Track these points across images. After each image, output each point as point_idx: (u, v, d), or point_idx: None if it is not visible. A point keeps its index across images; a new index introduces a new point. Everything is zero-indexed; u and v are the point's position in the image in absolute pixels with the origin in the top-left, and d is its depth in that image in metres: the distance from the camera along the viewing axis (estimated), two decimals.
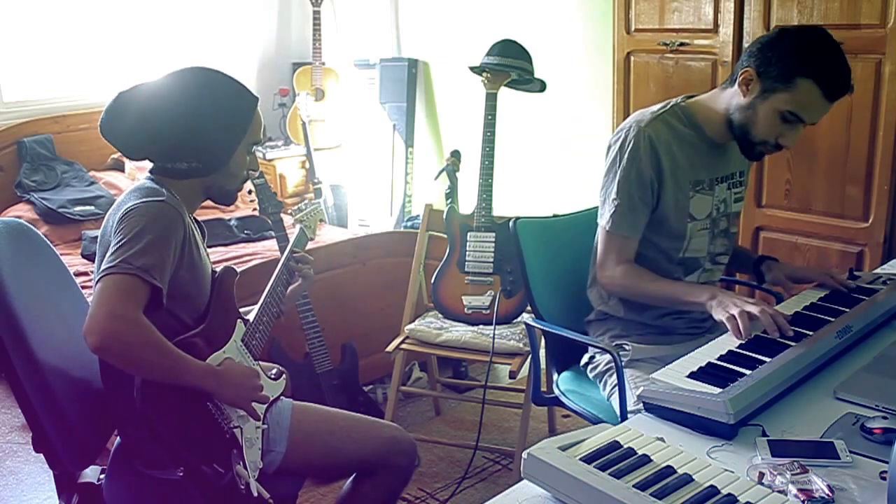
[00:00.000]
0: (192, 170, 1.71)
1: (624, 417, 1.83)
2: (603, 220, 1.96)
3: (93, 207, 3.92)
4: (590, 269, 2.11)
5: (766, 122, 1.83)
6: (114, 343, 1.46)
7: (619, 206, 1.92)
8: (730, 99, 1.89)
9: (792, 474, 1.19)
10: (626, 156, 1.91)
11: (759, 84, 1.81)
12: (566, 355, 2.21)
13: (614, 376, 1.99)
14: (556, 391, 2.18)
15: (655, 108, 1.99)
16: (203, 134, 1.69)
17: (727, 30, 2.79)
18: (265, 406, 1.74)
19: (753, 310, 1.68)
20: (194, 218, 1.80)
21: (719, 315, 1.74)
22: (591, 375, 2.11)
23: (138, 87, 1.71)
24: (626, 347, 1.99)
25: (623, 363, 1.97)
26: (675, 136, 1.93)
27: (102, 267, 1.53)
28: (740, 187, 2.07)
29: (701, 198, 1.97)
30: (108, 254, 1.53)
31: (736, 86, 1.86)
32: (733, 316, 1.68)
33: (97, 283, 1.52)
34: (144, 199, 1.62)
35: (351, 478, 1.92)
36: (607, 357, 2.04)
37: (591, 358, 2.11)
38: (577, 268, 2.16)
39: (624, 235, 1.94)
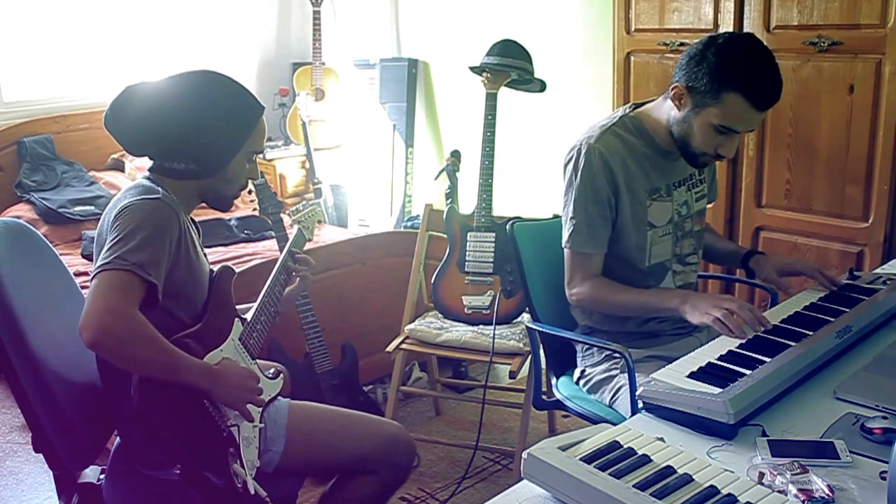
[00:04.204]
0: (189, 171, 1.71)
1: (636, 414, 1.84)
2: (563, 240, 1.97)
3: (93, 207, 3.91)
4: None
5: (702, 134, 1.84)
6: (108, 338, 1.46)
7: (578, 224, 1.93)
8: (669, 111, 1.90)
9: (792, 474, 1.19)
10: (579, 174, 1.92)
11: (690, 99, 1.82)
12: (566, 358, 2.20)
13: (612, 383, 2.00)
14: (558, 395, 2.17)
15: (604, 121, 1.99)
16: (202, 136, 1.69)
17: (727, 30, 2.78)
18: (261, 407, 1.74)
19: (732, 307, 1.68)
20: (191, 218, 1.79)
21: (698, 319, 1.74)
22: (585, 389, 2.10)
23: (146, 83, 1.71)
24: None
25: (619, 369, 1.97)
26: (626, 148, 1.93)
27: (98, 263, 1.53)
28: (700, 186, 2.07)
29: (659, 205, 1.98)
30: (104, 250, 1.54)
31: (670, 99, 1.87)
32: (718, 318, 1.68)
33: (92, 279, 1.52)
34: (140, 197, 1.62)
35: (338, 476, 1.91)
36: (600, 368, 2.04)
37: (583, 372, 2.10)
38: None
39: (586, 253, 1.95)
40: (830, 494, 1.16)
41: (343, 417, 1.92)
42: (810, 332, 1.64)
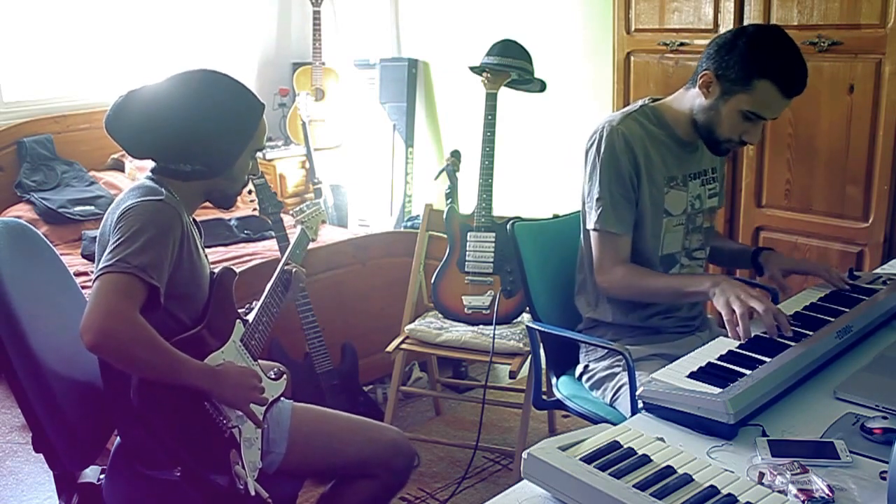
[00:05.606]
0: (196, 172, 1.71)
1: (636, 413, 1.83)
2: (590, 223, 1.96)
3: (93, 207, 3.91)
4: (577, 277, 2.11)
5: (729, 121, 1.86)
6: (109, 341, 1.46)
7: (605, 204, 1.93)
8: (693, 99, 1.92)
9: (792, 474, 1.19)
10: (603, 155, 1.92)
11: (719, 86, 1.85)
12: (566, 358, 2.20)
13: (614, 380, 2.00)
14: (558, 395, 2.17)
15: (625, 109, 2.02)
16: (210, 137, 1.69)
17: (727, 29, 2.77)
18: (264, 407, 1.74)
19: (757, 307, 1.66)
20: (193, 219, 1.80)
21: (720, 305, 1.71)
22: (587, 385, 2.10)
23: (147, 86, 1.71)
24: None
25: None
26: (647, 135, 1.95)
27: (100, 265, 1.53)
28: (713, 183, 2.09)
29: (676, 193, 1.99)
30: (106, 252, 1.54)
31: (697, 87, 1.89)
32: (734, 311, 1.67)
33: (94, 281, 1.52)
34: (143, 198, 1.62)
35: (338, 479, 1.91)
36: (603, 364, 2.04)
37: (586, 367, 2.10)
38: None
39: (614, 233, 1.94)
40: (830, 494, 1.16)
41: (345, 421, 1.92)
42: (810, 332, 1.64)
